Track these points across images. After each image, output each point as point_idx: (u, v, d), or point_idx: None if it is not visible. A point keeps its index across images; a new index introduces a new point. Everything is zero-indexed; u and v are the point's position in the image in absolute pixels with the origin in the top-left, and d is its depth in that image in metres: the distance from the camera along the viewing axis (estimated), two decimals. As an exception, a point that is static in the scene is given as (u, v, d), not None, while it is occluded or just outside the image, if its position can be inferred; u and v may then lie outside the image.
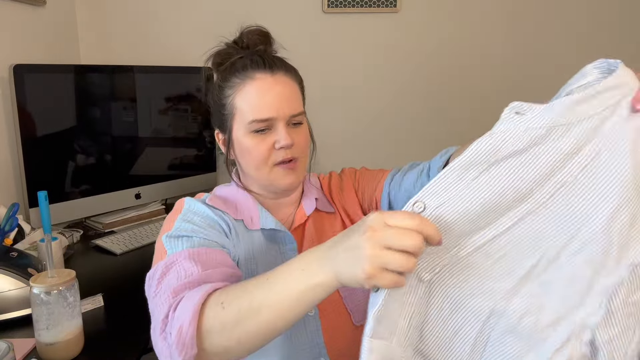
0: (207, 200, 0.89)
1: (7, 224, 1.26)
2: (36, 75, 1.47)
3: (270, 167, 0.85)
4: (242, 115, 0.85)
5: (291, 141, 0.83)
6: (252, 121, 0.83)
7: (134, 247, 1.57)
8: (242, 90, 0.85)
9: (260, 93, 0.84)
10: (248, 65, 0.85)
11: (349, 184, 0.99)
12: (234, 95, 0.85)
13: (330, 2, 2.02)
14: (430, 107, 2.17)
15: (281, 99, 0.84)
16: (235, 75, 0.86)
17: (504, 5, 2.09)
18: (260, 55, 0.87)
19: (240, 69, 0.86)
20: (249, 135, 0.85)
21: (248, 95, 0.84)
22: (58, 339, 0.94)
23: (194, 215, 0.84)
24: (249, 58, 0.86)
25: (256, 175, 0.88)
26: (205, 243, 0.77)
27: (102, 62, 2.03)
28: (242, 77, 0.85)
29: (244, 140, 0.85)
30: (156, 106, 1.83)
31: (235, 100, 0.85)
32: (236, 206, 0.90)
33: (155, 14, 2.04)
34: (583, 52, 2.14)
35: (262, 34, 0.90)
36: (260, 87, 0.84)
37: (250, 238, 0.88)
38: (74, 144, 1.59)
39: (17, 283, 1.10)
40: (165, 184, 1.87)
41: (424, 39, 2.11)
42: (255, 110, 0.83)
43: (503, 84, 2.15)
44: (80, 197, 1.61)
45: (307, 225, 0.93)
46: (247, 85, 0.84)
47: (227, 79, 0.87)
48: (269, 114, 0.83)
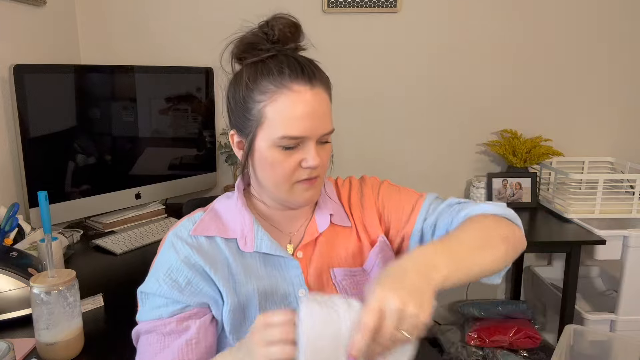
0: (191, 231, 0.83)
1: (7, 224, 1.26)
2: (36, 75, 1.47)
3: (292, 184, 0.80)
4: (270, 127, 0.77)
5: (320, 162, 0.79)
6: (283, 137, 0.76)
7: (134, 247, 1.57)
8: (276, 100, 0.77)
9: (297, 109, 0.76)
10: (285, 71, 0.77)
11: (371, 202, 0.92)
12: (265, 103, 0.77)
13: (330, 2, 2.02)
14: (430, 107, 2.17)
15: (316, 117, 0.77)
16: (269, 80, 0.77)
17: (504, 5, 2.09)
18: (298, 61, 0.79)
19: (276, 73, 0.77)
20: (274, 148, 0.78)
21: (282, 107, 0.76)
22: (58, 339, 0.94)
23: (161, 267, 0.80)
24: (285, 62, 0.78)
25: (274, 191, 0.83)
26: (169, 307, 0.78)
27: (102, 62, 2.03)
28: (278, 85, 0.77)
29: (268, 152, 0.79)
30: (156, 106, 1.83)
31: (266, 109, 0.77)
32: (230, 224, 0.85)
33: (155, 14, 2.04)
34: (583, 53, 2.14)
35: (294, 26, 0.83)
36: (297, 101, 0.76)
37: (244, 261, 0.83)
38: (74, 144, 1.59)
39: (17, 283, 1.10)
40: (165, 184, 1.87)
41: (424, 39, 2.11)
42: (288, 127, 0.76)
43: (503, 84, 2.15)
44: (80, 197, 1.61)
45: (318, 242, 0.87)
46: (282, 96, 0.76)
47: (258, 81, 0.78)
48: (301, 133, 0.77)
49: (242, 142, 0.83)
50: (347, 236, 0.90)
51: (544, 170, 2.12)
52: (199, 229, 0.83)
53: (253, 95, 0.78)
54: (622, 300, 1.77)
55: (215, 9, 2.03)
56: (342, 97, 2.14)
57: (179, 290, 0.78)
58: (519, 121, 2.17)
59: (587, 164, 2.19)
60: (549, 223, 1.88)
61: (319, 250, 0.87)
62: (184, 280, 0.79)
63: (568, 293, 1.74)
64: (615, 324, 1.79)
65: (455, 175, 2.23)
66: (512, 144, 2.09)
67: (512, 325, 1.96)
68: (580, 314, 1.81)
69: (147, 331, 0.79)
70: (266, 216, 0.88)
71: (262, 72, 0.78)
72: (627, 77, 2.16)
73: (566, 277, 1.75)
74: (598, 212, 1.87)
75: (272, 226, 0.88)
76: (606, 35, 2.12)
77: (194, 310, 0.79)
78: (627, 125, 2.21)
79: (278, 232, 0.88)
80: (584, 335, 1.58)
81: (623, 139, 2.22)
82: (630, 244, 1.72)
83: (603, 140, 2.22)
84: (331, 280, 0.84)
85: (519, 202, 2.07)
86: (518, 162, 2.07)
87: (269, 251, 0.82)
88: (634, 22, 2.11)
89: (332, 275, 0.85)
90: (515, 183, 2.07)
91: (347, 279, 0.85)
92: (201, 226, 0.84)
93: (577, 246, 1.71)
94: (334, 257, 0.87)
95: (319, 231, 0.87)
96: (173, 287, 0.78)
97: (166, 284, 0.79)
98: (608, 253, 1.74)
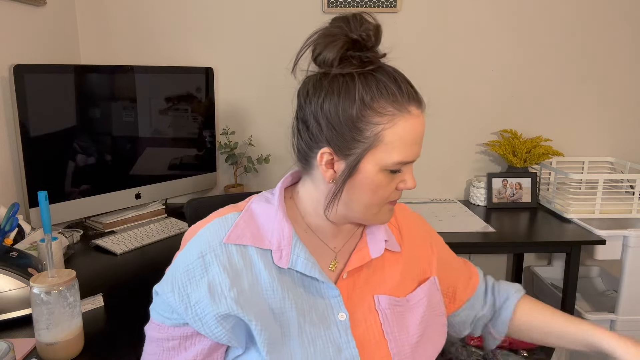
0: (225, 239, 0.76)
1: (7, 224, 1.26)
2: (36, 75, 1.47)
3: (382, 206, 0.78)
4: (387, 152, 0.73)
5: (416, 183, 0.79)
6: (399, 162, 0.73)
7: (134, 247, 1.57)
8: (396, 124, 0.72)
9: (414, 133, 0.74)
10: (405, 93, 0.73)
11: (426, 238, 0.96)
12: (384, 127, 0.72)
13: (330, 2, 2.02)
14: (430, 107, 2.16)
15: (421, 140, 0.77)
16: (389, 102, 0.72)
17: (505, 5, 2.09)
18: (406, 79, 0.77)
19: (397, 94, 0.72)
20: (382, 172, 0.74)
21: (403, 132, 0.73)
22: (58, 339, 0.94)
23: (180, 275, 0.75)
24: (399, 80, 0.74)
25: (363, 212, 0.78)
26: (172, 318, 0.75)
27: (102, 62, 2.03)
28: (399, 108, 0.72)
29: (375, 176, 0.74)
30: (156, 106, 1.83)
31: (385, 133, 0.72)
32: (267, 232, 0.78)
33: (155, 14, 2.04)
34: (583, 53, 2.14)
35: (378, 30, 0.77)
36: (416, 125, 0.74)
37: (280, 275, 0.77)
38: (74, 144, 1.59)
39: (17, 283, 1.10)
40: (166, 184, 1.88)
41: (424, 39, 2.11)
42: (405, 152, 0.73)
43: (503, 84, 2.15)
44: (80, 197, 1.61)
45: (367, 266, 0.84)
46: (402, 121, 0.72)
47: (375, 99, 0.72)
48: (413, 157, 0.75)
49: (337, 162, 0.75)
50: (395, 262, 0.87)
51: (544, 170, 2.12)
52: (232, 236, 0.76)
53: (368, 116, 0.72)
54: (622, 300, 1.77)
55: (215, 9, 2.03)
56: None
57: (184, 307, 0.73)
58: (519, 121, 2.17)
59: (587, 164, 2.19)
60: (549, 223, 1.88)
61: (366, 275, 0.84)
62: (194, 300, 0.73)
63: (568, 293, 1.74)
64: (615, 324, 1.79)
65: (455, 175, 2.23)
66: (512, 144, 2.09)
67: (512, 325, 1.96)
68: (580, 314, 1.81)
69: (151, 339, 0.78)
70: (315, 227, 0.83)
71: (381, 91, 0.72)
72: (627, 77, 2.16)
73: (566, 277, 1.75)
74: (598, 212, 1.87)
75: (319, 239, 0.83)
76: (606, 35, 2.12)
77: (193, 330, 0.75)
78: (627, 125, 2.21)
79: (322, 246, 0.83)
80: (584, 335, 1.58)
81: (623, 139, 2.22)
82: (630, 244, 1.72)
83: (603, 140, 2.22)
84: (374, 307, 0.82)
85: (519, 202, 2.07)
86: (518, 162, 2.07)
87: (303, 270, 0.77)
88: (633, 22, 2.11)
89: (377, 301, 0.82)
90: (515, 183, 2.07)
91: (391, 308, 0.83)
92: (235, 233, 0.77)
93: (577, 246, 1.71)
94: (380, 283, 0.84)
95: (372, 257, 0.83)
96: (182, 301, 0.73)
97: (178, 295, 0.74)
98: (608, 253, 1.74)
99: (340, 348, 0.76)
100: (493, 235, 1.76)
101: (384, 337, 0.80)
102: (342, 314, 0.79)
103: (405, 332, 0.82)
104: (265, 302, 0.75)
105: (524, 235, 1.80)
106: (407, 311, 0.84)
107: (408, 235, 0.92)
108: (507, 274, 2.34)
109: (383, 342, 0.79)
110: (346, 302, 0.80)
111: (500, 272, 2.34)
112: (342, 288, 0.80)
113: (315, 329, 0.76)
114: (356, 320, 0.79)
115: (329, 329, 0.77)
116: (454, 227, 1.81)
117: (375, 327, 0.80)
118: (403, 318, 0.83)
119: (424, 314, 0.85)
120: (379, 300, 0.82)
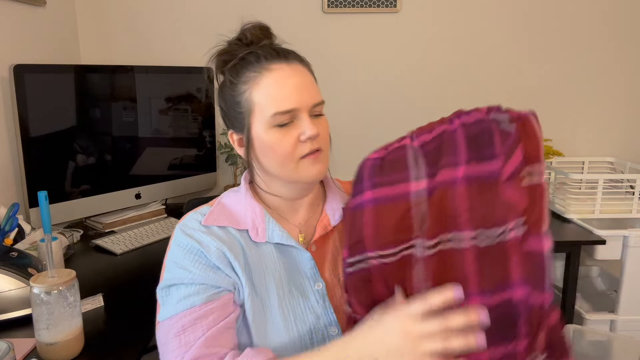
0: (202, 221, 0.84)
1: (7, 224, 1.26)
2: (36, 75, 1.47)
3: (297, 161, 0.80)
4: (261, 110, 0.79)
5: (317, 131, 0.79)
6: (275, 114, 0.78)
7: (134, 247, 1.57)
8: (259, 84, 0.80)
9: (280, 83, 0.79)
10: (262, 57, 0.80)
11: None
12: (250, 90, 0.80)
13: (330, 2, 2.02)
14: (430, 107, 2.16)
15: (302, 88, 0.80)
16: (248, 69, 0.81)
17: (505, 5, 2.09)
18: (272, 47, 0.83)
19: (253, 61, 0.81)
20: (271, 130, 0.79)
21: (267, 87, 0.79)
22: (58, 339, 0.94)
23: (184, 255, 0.80)
24: (261, 52, 0.81)
25: (281, 173, 0.82)
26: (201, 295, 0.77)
27: (102, 62, 2.03)
28: (258, 70, 0.80)
29: (266, 136, 0.80)
30: (156, 106, 1.83)
31: (252, 95, 0.80)
32: (240, 216, 0.86)
33: (155, 14, 2.04)
34: (583, 53, 2.14)
35: (263, 28, 0.86)
36: (279, 77, 0.79)
37: (258, 251, 0.84)
38: (74, 144, 1.59)
39: (17, 283, 1.10)
40: (165, 184, 1.88)
41: (424, 39, 2.11)
42: (277, 102, 0.78)
43: (503, 83, 2.15)
44: (80, 197, 1.61)
45: (332, 235, 0.88)
46: (264, 78, 0.79)
47: (239, 74, 0.82)
48: (291, 105, 0.78)
49: (241, 139, 0.85)
50: None
51: (544, 170, 2.11)
52: (209, 220, 0.84)
53: (238, 89, 0.82)
54: (622, 300, 1.77)
55: (215, 9, 2.03)
56: (341, 97, 2.14)
57: (214, 271, 0.79)
58: (519, 121, 2.17)
59: (587, 164, 2.19)
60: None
61: (333, 243, 0.87)
62: (216, 265, 0.79)
63: (568, 293, 1.74)
64: (615, 324, 1.79)
65: (455, 175, 2.23)
66: (512, 144, 2.09)
67: (512, 325, 1.96)
68: (580, 314, 1.81)
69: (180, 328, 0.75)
70: (274, 207, 0.89)
71: (242, 65, 0.82)
72: (627, 77, 2.16)
73: (566, 277, 1.75)
74: (598, 212, 1.87)
75: (281, 217, 0.89)
76: (606, 35, 2.12)
77: (228, 296, 0.78)
78: (627, 125, 2.21)
79: (287, 223, 0.89)
80: (584, 335, 1.59)
81: (623, 139, 2.22)
82: (630, 244, 1.72)
83: (603, 140, 2.22)
84: None
85: (519, 202, 2.06)
86: (518, 162, 2.07)
87: (280, 241, 0.83)
88: (633, 23, 2.11)
89: None
90: (515, 183, 2.07)
91: None
92: (211, 217, 0.85)
93: (577, 246, 1.71)
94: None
95: (332, 224, 0.88)
96: (206, 269, 0.79)
97: (197, 269, 0.78)
98: (608, 253, 1.74)
99: (318, 315, 0.81)
100: (493, 235, 1.75)
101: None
102: (319, 283, 0.83)
103: None
104: (247, 276, 0.80)
105: (524, 235, 1.80)
106: None
107: None
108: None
109: None
110: (322, 273, 0.84)
111: (500, 272, 2.34)
112: (315, 258, 0.85)
113: (294, 299, 0.81)
114: (333, 288, 0.84)
115: (307, 299, 0.82)
116: (454, 227, 1.80)
117: None
118: None
119: None
120: None
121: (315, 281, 0.83)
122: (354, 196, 0.78)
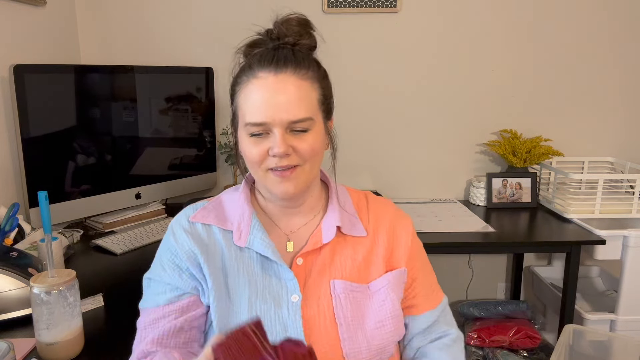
0: (191, 217, 0.86)
1: (7, 224, 1.26)
2: (36, 75, 1.47)
3: (264, 171, 0.80)
4: (242, 116, 0.80)
5: (285, 150, 0.77)
6: (246, 124, 0.78)
7: (134, 247, 1.57)
8: (245, 89, 0.79)
9: (259, 95, 0.77)
10: (256, 61, 0.79)
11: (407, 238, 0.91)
12: (239, 93, 0.81)
13: (330, 2, 2.02)
14: (430, 107, 2.17)
15: (278, 103, 0.76)
16: (244, 72, 0.81)
17: (504, 6, 2.09)
18: (277, 50, 0.80)
19: (249, 65, 0.80)
20: (246, 136, 0.80)
21: (249, 95, 0.78)
22: (58, 339, 0.94)
23: (164, 252, 0.86)
24: (265, 54, 0.80)
25: (255, 177, 0.84)
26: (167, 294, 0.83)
27: (102, 62, 2.03)
28: (247, 75, 0.80)
29: (242, 140, 0.81)
30: (156, 106, 1.83)
31: (239, 99, 0.80)
32: (231, 216, 0.86)
33: (155, 14, 2.04)
34: (583, 53, 2.14)
35: (300, 22, 0.83)
36: (260, 87, 0.78)
37: (240, 253, 0.84)
38: (74, 144, 1.59)
39: (18, 283, 1.10)
40: (165, 184, 1.88)
41: (424, 39, 2.11)
42: (250, 113, 0.78)
43: (503, 83, 2.15)
44: (80, 197, 1.61)
45: (323, 251, 0.86)
46: (250, 84, 0.79)
47: (238, 74, 0.82)
48: (261, 119, 0.77)
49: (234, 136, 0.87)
50: (358, 246, 0.87)
51: (544, 170, 2.12)
52: (198, 216, 0.87)
53: (234, 88, 0.83)
54: (622, 300, 1.77)
55: (216, 9, 2.03)
56: (341, 98, 2.13)
57: (179, 274, 0.83)
58: (519, 121, 2.17)
59: (587, 164, 2.19)
60: (549, 223, 1.88)
61: (322, 260, 0.85)
62: (185, 266, 0.83)
63: (568, 293, 1.74)
64: (615, 323, 1.79)
65: (455, 175, 2.23)
66: (512, 144, 2.09)
67: (512, 325, 1.96)
68: (580, 314, 1.82)
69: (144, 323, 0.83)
70: (267, 211, 0.89)
71: (243, 67, 0.82)
72: (627, 77, 2.16)
73: (566, 277, 1.75)
74: (598, 212, 1.87)
75: (272, 222, 0.89)
76: (606, 35, 2.12)
77: (188, 299, 0.82)
78: (627, 125, 2.21)
79: (276, 229, 0.88)
80: (584, 335, 1.59)
81: (623, 139, 2.22)
82: (630, 244, 1.72)
83: (603, 140, 2.22)
84: (329, 291, 0.83)
85: (519, 202, 2.07)
86: (518, 162, 2.07)
87: (259, 250, 0.83)
88: (633, 22, 2.11)
89: (332, 286, 0.83)
90: (515, 183, 2.07)
91: (346, 293, 0.83)
92: (201, 213, 0.87)
93: (577, 246, 1.71)
94: (339, 268, 0.85)
95: (323, 242, 0.85)
96: (174, 270, 0.83)
97: (169, 268, 0.84)
98: (608, 253, 1.74)
99: (286, 327, 0.80)
100: (493, 235, 1.76)
101: (334, 321, 0.81)
102: (295, 295, 0.82)
103: (359, 318, 0.82)
104: (222, 277, 0.82)
105: (524, 235, 1.80)
106: (366, 298, 0.84)
107: (383, 223, 0.91)
108: (507, 274, 2.34)
109: (333, 325, 0.81)
110: (302, 285, 0.83)
111: (500, 272, 2.34)
112: (298, 271, 0.84)
113: (266, 306, 0.81)
114: (310, 302, 0.82)
115: (280, 309, 0.81)
116: (453, 227, 1.81)
117: (327, 311, 0.81)
118: (359, 304, 0.83)
119: (384, 302, 0.84)
120: (334, 284, 0.83)
121: (292, 293, 0.82)
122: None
